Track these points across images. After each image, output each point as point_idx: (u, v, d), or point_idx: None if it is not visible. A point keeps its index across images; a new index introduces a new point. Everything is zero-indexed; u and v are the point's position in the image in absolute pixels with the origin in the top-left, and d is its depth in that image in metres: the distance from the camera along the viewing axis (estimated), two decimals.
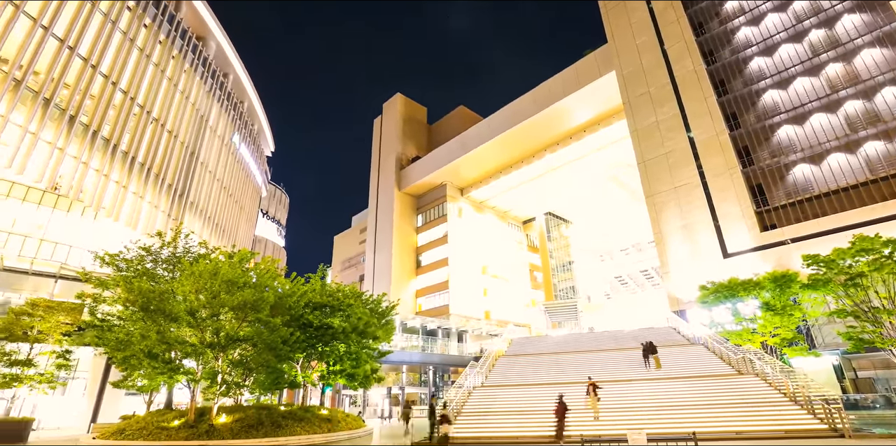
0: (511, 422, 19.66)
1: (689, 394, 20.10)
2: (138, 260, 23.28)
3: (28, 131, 30.82)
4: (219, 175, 55.17)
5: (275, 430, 17.49)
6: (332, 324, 23.03)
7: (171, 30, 44.74)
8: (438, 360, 45.67)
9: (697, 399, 19.46)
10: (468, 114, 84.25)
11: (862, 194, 31.96)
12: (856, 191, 32.25)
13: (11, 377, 19.61)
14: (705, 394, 19.79)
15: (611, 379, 23.50)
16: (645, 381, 22.38)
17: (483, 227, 74.83)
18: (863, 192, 31.97)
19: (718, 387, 20.34)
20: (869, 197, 31.61)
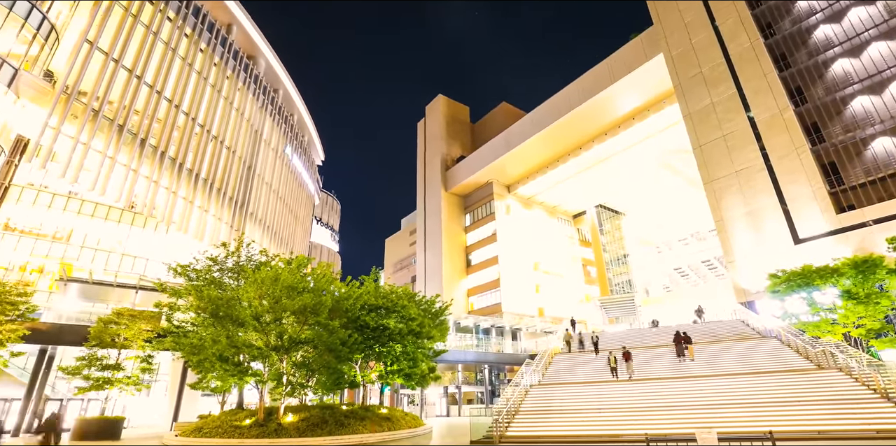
0: (572, 421, 19.29)
1: (763, 391, 18.88)
2: (206, 269, 24.81)
3: (106, 156, 33.78)
4: (274, 186, 57.88)
5: (338, 429, 18.17)
6: (388, 325, 23.55)
7: (224, 52, 47.49)
8: (493, 359, 45.57)
9: (773, 395, 18.24)
10: (511, 110, 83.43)
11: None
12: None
13: (104, 380, 21.69)
14: (782, 391, 18.51)
15: (677, 376, 22.55)
16: (715, 377, 21.26)
17: (532, 224, 73.81)
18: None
19: (796, 383, 18.96)
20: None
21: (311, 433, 17.52)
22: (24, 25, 27.33)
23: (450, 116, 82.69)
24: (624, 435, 17.00)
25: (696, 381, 21.19)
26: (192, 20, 42.87)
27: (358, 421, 19.20)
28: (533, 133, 62.09)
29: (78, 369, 21.83)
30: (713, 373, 22.11)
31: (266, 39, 55.49)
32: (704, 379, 21.26)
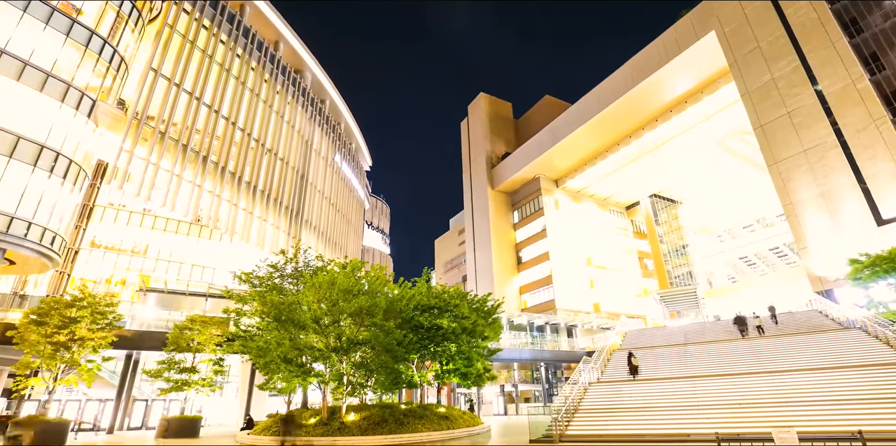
0: (635, 420, 18.69)
1: (849, 387, 17.45)
2: (268, 276, 26.17)
3: (174, 174, 36.41)
4: (326, 193, 59.99)
5: (398, 427, 18.61)
6: (442, 325, 23.81)
7: (273, 68, 49.81)
8: (549, 357, 44.88)
9: (860, 392, 16.82)
10: (555, 102, 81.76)
11: None
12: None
13: (182, 382, 23.50)
14: (871, 387, 17.03)
15: (750, 371, 21.29)
16: (792, 373, 19.88)
17: (583, 217, 71.97)
18: None
19: (888, 378, 17.35)
20: None
21: (373, 431, 18.07)
22: (98, 60, 30.01)
23: (492, 113, 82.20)
24: (692, 434, 16.28)
25: (771, 377, 19.93)
26: (243, 40, 45.30)
27: (417, 420, 19.56)
28: (579, 124, 60.52)
29: (159, 372, 23.81)
30: (790, 368, 20.68)
31: (311, 53, 57.61)
32: (780, 375, 19.96)
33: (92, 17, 30.22)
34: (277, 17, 50.63)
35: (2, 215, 23.46)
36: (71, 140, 27.56)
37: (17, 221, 24.04)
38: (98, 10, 30.68)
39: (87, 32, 29.30)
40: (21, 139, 24.77)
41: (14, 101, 24.85)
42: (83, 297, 22.07)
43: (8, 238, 23.61)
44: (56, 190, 26.35)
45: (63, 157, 26.80)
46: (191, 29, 39.22)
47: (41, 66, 26.38)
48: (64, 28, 28.02)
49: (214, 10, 41.79)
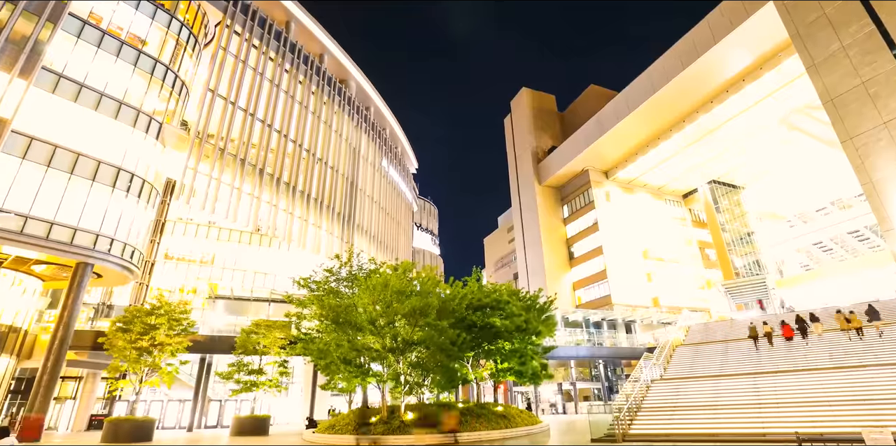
0: (703, 418, 17.87)
1: None
2: (325, 280, 27.17)
3: (234, 187, 38.67)
4: (376, 198, 61.49)
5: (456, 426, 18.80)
6: (495, 324, 23.80)
7: (319, 79, 51.70)
8: (607, 353, 43.63)
9: None
10: (601, 91, 79.39)
11: None
12: None
13: (251, 383, 25.01)
14: None
15: (832, 366, 19.76)
16: (886, 367, 18.18)
17: (636, 209, 69.34)
18: None
19: None
20: None
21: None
22: (163, 85, 32.49)
23: (535, 108, 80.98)
24: (769, 433, 15.36)
25: (858, 372, 18.37)
26: (290, 56, 47.36)
27: (475, 419, 19.70)
28: (628, 112, 58.32)
29: (230, 374, 25.47)
30: (880, 363, 18.97)
31: (354, 62, 59.25)
32: (868, 370, 18.33)
33: (155, 46, 32.72)
34: (321, 30, 52.47)
35: (89, 233, 25.91)
36: (143, 161, 29.97)
37: (101, 238, 26.46)
38: (160, 40, 33.17)
39: (152, 61, 31.75)
40: (101, 163, 27.23)
41: (93, 129, 27.37)
42: (161, 306, 24.00)
43: (95, 253, 26.04)
44: (132, 208, 28.75)
45: (137, 178, 29.19)
46: (242, 49, 41.50)
47: (114, 95, 28.87)
48: (132, 59, 30.53)
49: (262, 29, 43.98)
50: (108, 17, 30.13)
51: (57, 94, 26.20)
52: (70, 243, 25.00)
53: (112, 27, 30.19)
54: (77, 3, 28.10)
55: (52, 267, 27.22)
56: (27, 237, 23.52)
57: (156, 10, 33.06)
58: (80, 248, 25.42)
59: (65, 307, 25.37)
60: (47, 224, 24.34)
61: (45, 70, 25.76)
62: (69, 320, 25.19)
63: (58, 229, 24.65)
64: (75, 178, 25.91)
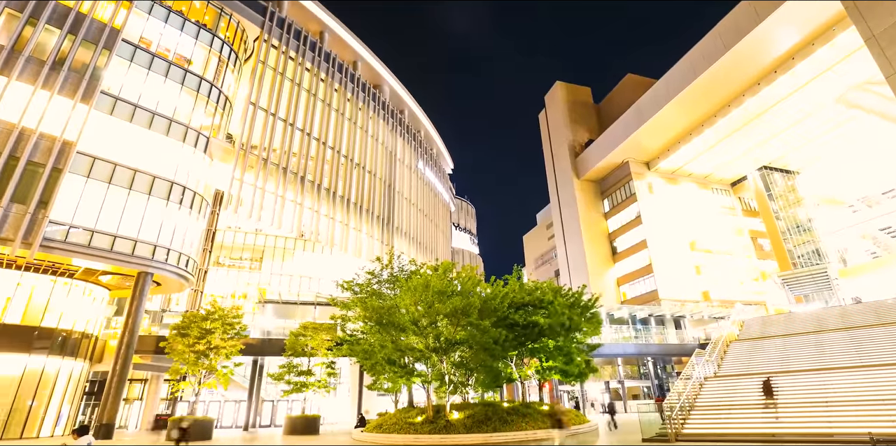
0: (759, 417, 17.12)
1: None
2: (367, 283, 27.85)
3: (277, 195, 40.16)
4: (413, 200, 62.17)
5: (502, 425, 18.83)
6: (538, 322, 23.64)
7: (354, 86, 52.86)
8: (656, 351, 42.26)
9: None
10: (638, 80, 76.97)
11: None
12: None
13: (301, 384, 25.98)
14: None
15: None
16: None
17: (681, 199, 66.78)
18: None
19: None
20: None
21: (477, 429, 18.46)
22: (208, 101, 34.24)
23: (571, 101, 79.49)
24: (837, 434, 14.53)
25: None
26: (325, 65, 48.68)
27: (520, 418, 19.63)
28: (668, 99, 56.25)
29: (280, 375, 26.56)
30: None
31: (387, 67, 60.15)
32: None
33: (199, 64, 34.50)
34: (353, 38, 53.57)
35: (148, 244, 27.65)
36: (193, 174, 31.66)
37: (159, 248, 28.18)
38: (204, 58, 34.96)
39: (197, 79, 33.51)
40: (156, 178, 28.99)
41: (147, 146, 29.18)
42: (215, 311, 25.33)
43: (153, 263, 27.76)
44: (185, 219, 30.43)
45: (189, 190, 30.88)
46: (280, 62, 43.03)
47: (165, 113, 30.67)
48: (179, 78, 32.33)
49: (298, 41, 45.43)
50: (156, 41, 32.04)
51: (114, 116, 28.11)
52: (131, 254, 26.76)
53: (160, 49, 32.10)
54: (129, 29, 30.03)
55: (117, 277, 29.21)
56: (94, 250, 25.36)
57: (199, 30, 34.86)
58: (141, 259, 27.17)
59: (129, 314, 27.19)
60: (111, 237, 26.15)
61: (103, 94, 27.67)
62: (133, 326, 26.97)
63: (120, 241, 26.44)
64: (134, 193, 27.70)
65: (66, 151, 25.10)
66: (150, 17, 32.08)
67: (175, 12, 33.83)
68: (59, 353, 26.67)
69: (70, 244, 24.51)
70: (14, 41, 25.13)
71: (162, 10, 32.92)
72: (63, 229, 24.46)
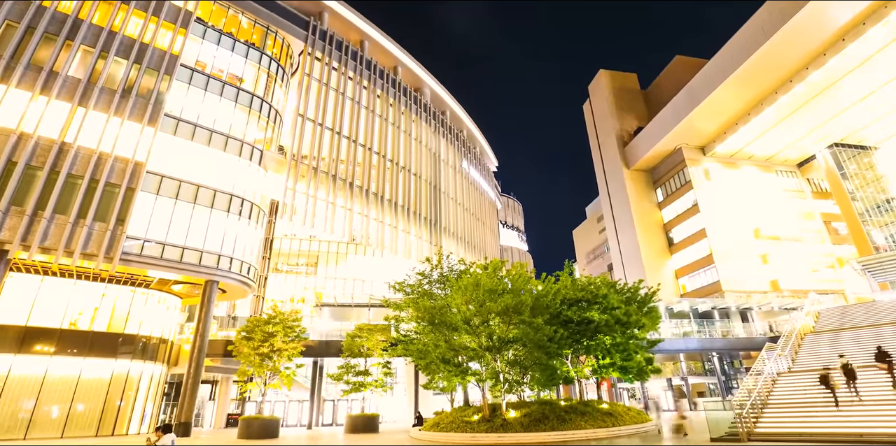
0: (843, 415, 15.88)
1: None
2: (418, 284, 28.25)
3: (328, 202, 41.62)
4: (459, 199, 62.45)
5: (560, 424, 18.54)
6: (592, 318, 23.14)
7: (396, 91, 53.87)
8: (721, 345, 40.03)
9: None
10: (688, 62, 73.31)
11: None
12: None
13: (359, 383, 26.84)
14: None
15: None
16: None
17: (741, 184, 62.94)
18: None
19: None
20: None
21: (535, 428, 18.30)
22: (260, 116, 36.12)
23: (616, 89, 76.95)
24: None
25: None
26: (367, 73, 49.95)
27: (579, 417, 19.26)
28: (722, 78, 53.10)
29: (339, 375, 27.57)
30: None
31: (426, 70, 60.76)
32: None
33: (250, 82, 36.44)
34: (392, 44, 54.53)
35: (213, 254, 29.53)
36: (250, 186, 33.47)
37: (223, 258, 30.01)
38: (254, 76, 36.90)
39: (249, 96, 35.42)
40: (217, 192, 30.89)
41: (207, 162, 31.16)
42: (276, 315, 26.66)
43: (219, 272, 29.60)
44: (245, 229, 32.21)
45: (247, 202, 32.67)
46: (324, 73, 44.60)
47: (222, 130, 32.63)
48: (233, 96, 34.28)
49: (340, 52, 46.90)
50: (210, 63, 34.13)
51: (177, 136, 30.23)
52: (199, 264, 28.67)
53: (215, 70, 34.16)
54: (186, 54, 32.19)
55: (187, 285, 31.39)
56: (166, 261, 27.39)
57: (248, 49, 36.82)
58: (207, 268, 29.04)
59: (199, 320, 29.14)
60: (180, 249, 28.14)
61: (166, 116, 29.81)
62: (204, 331, 28.88)
63: (188, 252, 28.40)
64: (198, 207, 29.66)
65: (137, 171, 27.25)
66: (204, 41, 34.21)
67: (226, 34, 35.87)
68: (140, 358, 29.06)
69: (145, 257, 26.61)
70: (89, 74, 27.59)
71: (214, 34, 35.02)
72: (138, 243, 26.59)
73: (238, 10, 38.16)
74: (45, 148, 25.02)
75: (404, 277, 29.20)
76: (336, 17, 47.68)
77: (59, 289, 27.24)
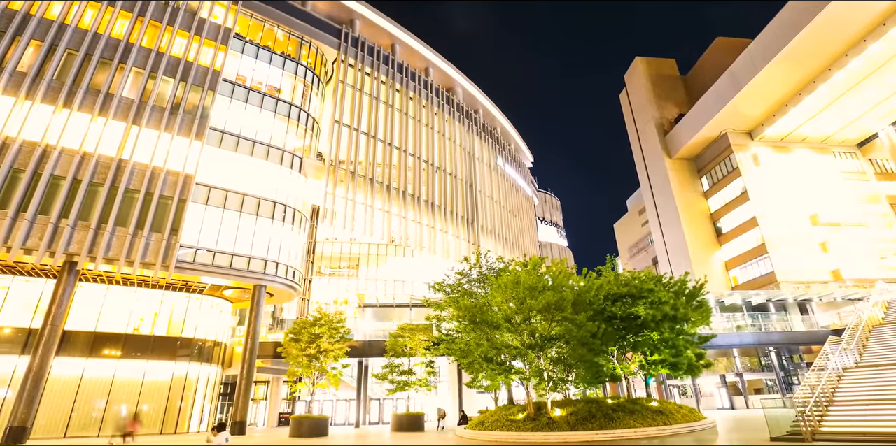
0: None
1: None
2: (457, 283, 28.43)
3: (367, 205, 42.47)
4: (496, 197, 62.17)
5: (608, 423, 18.12)
6: (638, 313, 22.55)
7: (428, 92, 54.29)
8: (779, 339, 37.89)
9: None
10: (730, 43, 69.86)
11: None
12: None
13: (403, 383, 27.27)
14: None
15: None
16: None
17: (795, 168, 59.41)
18: None
19: None
20: None
21: (582, 427, 17.97)
22: (298, 125, 37.38)
23: (654, 76, 74.38)
24: None
25: None
26: (399, 76, 50.62)
27: (627, 415, 18.78)
28: (769, 57, 50.20)
29: (384, 375, 28.14)
30: None
31: (457, 69, 60.83)
32: None
33: (288, 92, 37.76)
34: (423, 46, 54.94)
35: (259, 260, 30.79)
36: (291, 193, 34.66)
37: (269, 263, 31.23)
38: (291, 86, 38.22)
39: (288, 105, 36.72)
40: (261, 200, 32.19)
41: (250, 172, 32.52)
42: (321, 317, 27.50)
43: (266, 276, 30.82)
44: (289, 234, 33.38)
45: (289, 208, 33.84)
46: (357, 79, 45.56)
47: (263, 140, 33.97)
48: (272, 107, 35.64)
49: (372, 57, 47.78)
50: (250, 76, 35.65)
51: (222, 148, 31.72)
52: (247, 269, 29.96)
53: (254, 83, 35.64)
54: (227, 69, 33.72)
55: (237, 290, 32.85)
56: (217, 268, 28.80)
57: (284, 60, 38.18)
58: (255, 273, 30.31)
59: (249, 323, 30.43)
60: (229, 255, 29.51)
61: (211, 130, 31.34)
62: (254, 334, 30.12)
63: (237, 259, 29.74)
64: (244, 215, 31.01)
65: (187, 183, 28.78)
66: (243, 56, 35.73)
67: (263, 47, 37.31)
68: (197, 360, 30.68)
69: (198, 264, 28.07)
70: (140, 94, 29.38)
71: (252, 48, 36.49)
72: (191, 251, 28.09)
73: (273, 23, 39.59)
74: (105, 165, 26.86)
75: (444, 277, 29.44)
76: (367, 23, 48.59)
77: (123, 296, 29.20)
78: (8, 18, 27.17)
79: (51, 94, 26.69)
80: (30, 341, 25.03)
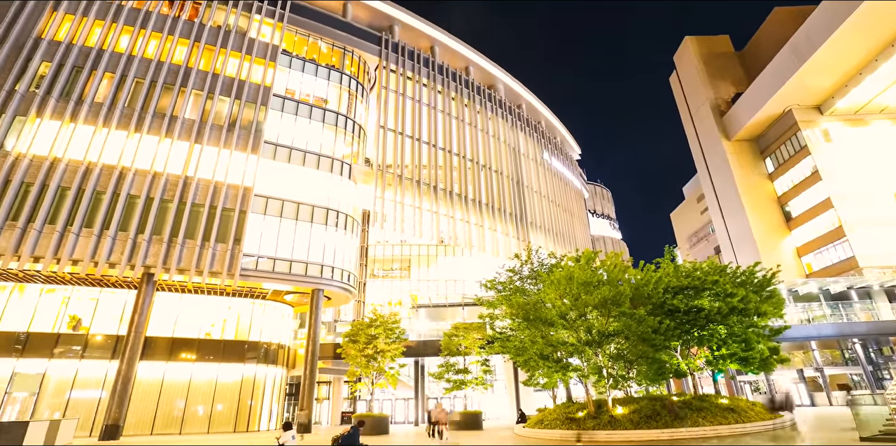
0: None
1: None
2: (509, 280, 28.29)
3: (415, 207, 43.14)
4: (544, 192, 61.19)
5: (673, 421, 17.43)
6: (702, 306, 21.55)
7: (469, 91, 54.35)
8: (865, 330, 34.63)
9: None
10: (789, 12, 64.76)
11: None
12: None
13: (459, 382, 27.48)
14: None
15: None
16: None
17: (872, 142, 53.97)
18: None
19: None
20: None
21: (646, 425, 17.38)
22: (346, 133, 38.66)
23: (706, 55, 70.38)
24: None
25: None
26: (440, 77, 51.03)
27: (695, 413, 17.98)
28: (837, 24, 45.76)
29: (440, 374, 28.50)
30: None
31: (498, 65, 60.40)
32: None
33: (334, 102, 39.14)
34: (462, 45, 55.02)
35: (316, 265, 32.10)
36: (343, 199, 35.88)
37: (325, 267, 32.47)
38: (337, 95, 39.61)
39: (335, 115, 38.06)
40: (315, 207, 33.55)
41: (303, 181, 33.99)
42: (377, 319, 28.26)
43: (323, 280, 32.08)
44: (343, 239, 34.56)
45: (342, 214, 35.06)
46: (399, 83, 46.42)
47: (314, 150, 35.41)
48: (320, 117, 37.08)
49: (412, 61, 48.52)
50: (298, 89, 37.27)
51: (276, 160, 33.38)
52: (305, 275, 31.32)
53: (302, 95, 37.22)
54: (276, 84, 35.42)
55: (297, 295, 34.39)
56: (277, 274, 30.33)
57: (329, 71, 39.61)
58: (313, 278, 31.62)
59: (310, 325, 31.76)
60: (288, 262, 30.98)
61: (266, 143, 33.05)
62: (315, 336, 31.39)
63: (296, 265, 31.16)
64: (300, 223, 32.46)
65: (247, 196, 30.51)
66: (291, 70, 37.39)
67: (308, 61, 38.84)
68: (264, 362, 32.41)
69: (260, 271, 29.69)
70: (200, 114, 31.47)
71: (298, 62, 38.09)
72: (253, 259, 29.74)
73: (317, 36, 41.12)
74: (173, 182, 29.02)
75: (495, 275, 29.39)
76: (406, 27, 49.35)
77: (195, 304, 31.40)
78: (84, 55, 30.00)
79: (124, 121, 29.24)
80: (118, 347, 27.47)
